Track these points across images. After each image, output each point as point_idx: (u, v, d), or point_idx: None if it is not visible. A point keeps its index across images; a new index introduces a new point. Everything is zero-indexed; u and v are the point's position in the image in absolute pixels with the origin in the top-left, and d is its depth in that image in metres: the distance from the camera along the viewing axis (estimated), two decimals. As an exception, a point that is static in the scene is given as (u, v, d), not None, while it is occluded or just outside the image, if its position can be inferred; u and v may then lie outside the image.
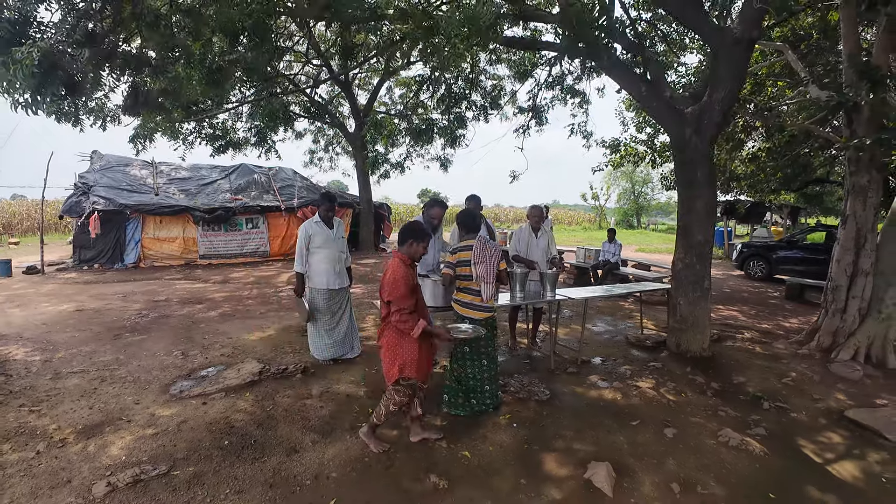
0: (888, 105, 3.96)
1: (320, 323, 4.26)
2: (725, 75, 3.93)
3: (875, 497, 2.64)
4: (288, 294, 7.67)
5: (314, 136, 14.83)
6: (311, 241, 4.09)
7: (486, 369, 3.48)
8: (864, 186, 4.56)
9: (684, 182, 4.51)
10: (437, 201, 4.32)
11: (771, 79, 8.09)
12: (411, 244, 2.86)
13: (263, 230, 11.49)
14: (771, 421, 3.53)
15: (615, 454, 3.00)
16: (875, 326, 4.54)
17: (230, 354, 4.62)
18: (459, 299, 3.44)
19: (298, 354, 4.63)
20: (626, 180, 41.49)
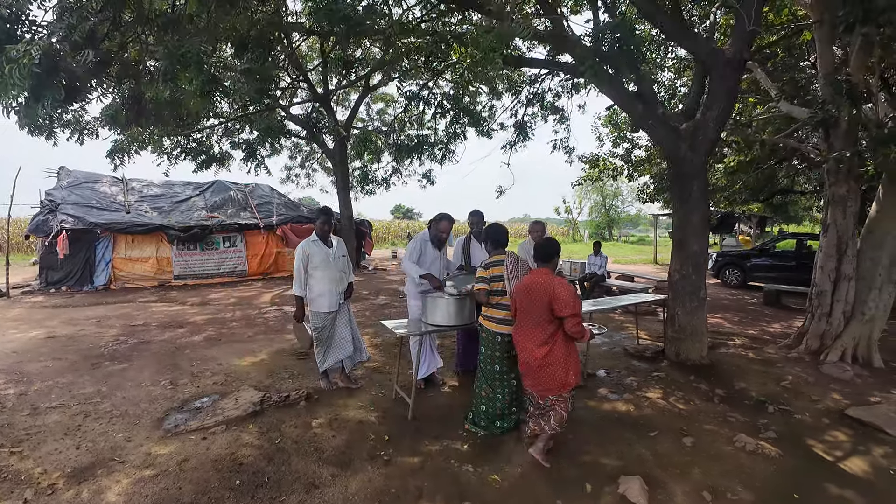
0: (864, 119, 4.33)
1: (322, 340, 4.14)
2: (719, 93, 4.22)
3: (886, 489, 2.86)
4: (274, 316, 7.46)
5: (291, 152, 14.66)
6: (310, 261, 3.96)
7: (516, 390, 3.51)
8: (843, 196, 4.94)
9: (680, 196, 4.75)
10: (446, 215, 4.37)
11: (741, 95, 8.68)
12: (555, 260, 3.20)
13: (241, 249, 11.19)
14: (778, 423, 3.71)
15: (642, 466, 3.08)
16: (859, 328, 4.88)
17: (223, 382, 4.44)
18: (492, 316, 3.44)
19: (298, 380, 4.51)
20: (598, 194, 42.99)
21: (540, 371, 3.03)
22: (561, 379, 3.00)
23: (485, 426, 3.48)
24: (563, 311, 2.92)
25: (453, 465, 3.05)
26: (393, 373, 4.71)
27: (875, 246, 4.84)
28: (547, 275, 3.08)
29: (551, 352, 3.00)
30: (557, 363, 3.00)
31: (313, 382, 4.41)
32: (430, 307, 3.93)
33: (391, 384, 4.36)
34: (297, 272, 3.93)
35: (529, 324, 3.06)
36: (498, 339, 3.44)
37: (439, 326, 3.89)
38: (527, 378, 3.15)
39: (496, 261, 3.45)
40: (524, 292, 3.07)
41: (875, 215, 4.86)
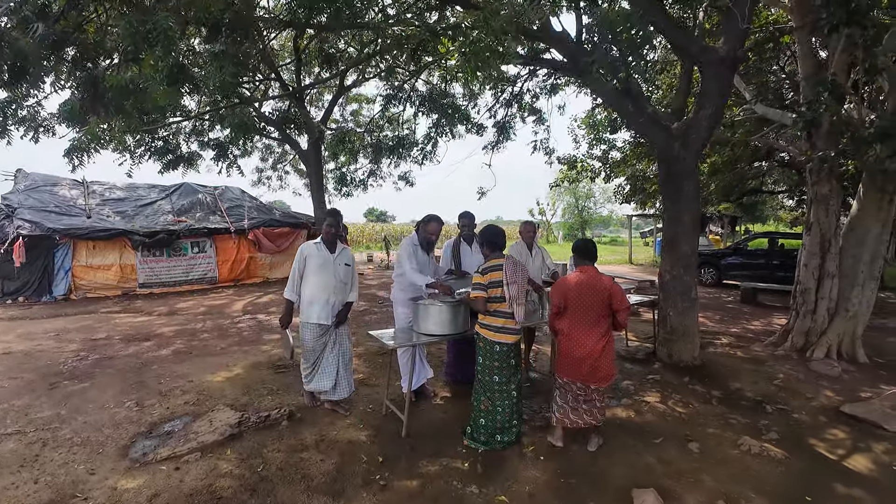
0: (846, 120, 4.43)
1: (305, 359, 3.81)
2: (712, 92, 4.24)
3: (892, 486, 2.88)
4: (248, 325, 7.08)
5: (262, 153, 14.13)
6: (307, 264, 3.66)
7: (516, 402, 3.36)
8: (825, 195, 5.07)
9: (671, 196, 4.75)
10: (435, 216, 4.18)
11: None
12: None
13: (211, 254, 10.65)
14: (778, 424, 3.73)
15: (652, 477, 3.01)
16: (843, 325, 5.01)
17: (195, 402, 4.09)
18: (489, 324, 3.29)
19: (277, 396, 4.21)
20: (571, 195, 43.75)
21: (598, 362, 3.20)
22: (612, 369, 3.30)
23: (485, 441, 3.32)
24: (621, 306, 3.19)
25: (456, 486, 2.87)
26: (380, 385, 4.51)
27: (857, 243, 4.98)
28: (598, 272, 3.31)
29: (608, 343, 3.24)
30: (610, 354, 3.26)
31: (294, 399, 4.13)
32: (421, 315, 3.73)
33: (379, 398, 4.14)
34: (292, 274, 3.67)
35: (588, 320, 3.22)
36: (496, 349, 3.29)
37: (432, 336, 3.68)
38: (579, 371, 3.23)
39: (494, 265, 3.29)
40: (581, 289, 3.22)
41: (856, 213, 5.01)
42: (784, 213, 23.06)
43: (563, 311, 3.28)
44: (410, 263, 4.00)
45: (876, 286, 5.03)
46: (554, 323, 3.38)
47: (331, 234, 3.71)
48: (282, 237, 11.44)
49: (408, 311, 4.16)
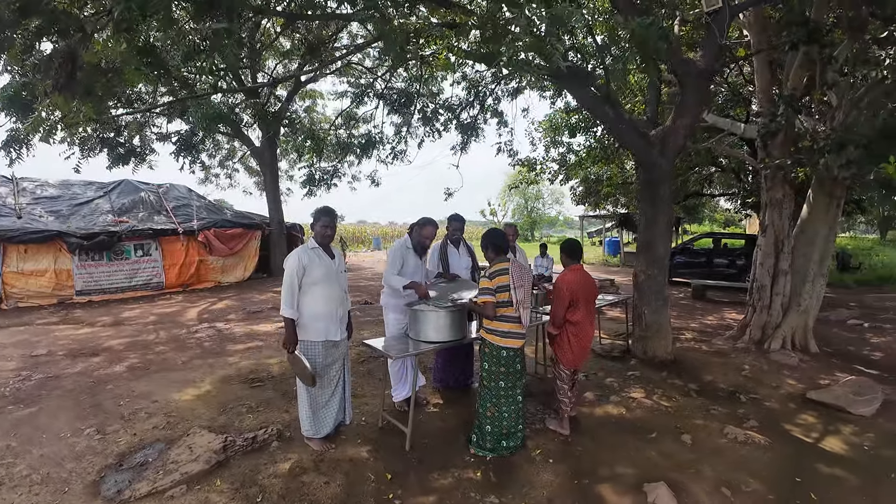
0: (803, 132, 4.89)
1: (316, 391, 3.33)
2: (691, 103, 4.51)
3: (869, 464, 3.22)
4: (208, 335, 6.59)
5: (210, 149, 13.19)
6: (307, 273, 3.19)
7: (521, 406, 3.38)
8: (779, 200, 5.56)
9: (649, 199, 4.99)
10: (431, 220, 4.11)
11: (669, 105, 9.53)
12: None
13: (157, 258, 9.80)
14: (754, 412, 4.04)
15: (657, 471, 3.14)
16: (796, 318, 5.52)
17: (166, 425, 3.71)
18: (496, 329, 3.27)
19: (259, 414, 3.93)
20: (521, 196, 44.96)
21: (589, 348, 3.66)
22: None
23: (491, 448, 3.31)
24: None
25: (474, 497, 2.83)
26: (367, 396, 4.38)
27: (807, 243, 5.52)
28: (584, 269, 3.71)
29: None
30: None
31: (279, 416, 3.87)
32: (420, 321, 3.64)
33: (370, 409, 4.01)
34: (290, 288, 3.15)
35: (590, 311, 3.64)
36: (503, 354, 3.29)
37: (432, 343, 3.61)
38: (584, 359, 3.70)
39: (500, 269, 3.27)
40: (585, 286, 3.58)
41: (806, 216, 5.55)
42: (718, 215, 25.10)
43: (575, 305, 3.51)
44: (393, 268, 3.91)
45: (824, 282, 5.61)
46: (567, 316, 3.54)
47: (328, 236, 3.35)
48: (235, 239, 10.79)
49: (401, 317, 4.06)
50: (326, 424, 3.38)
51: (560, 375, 3.64)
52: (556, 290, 3.54)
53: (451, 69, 8.10)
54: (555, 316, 3.57)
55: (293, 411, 3.95)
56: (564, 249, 3.76)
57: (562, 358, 3.61)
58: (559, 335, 3.61)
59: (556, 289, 3.56)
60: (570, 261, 3.70)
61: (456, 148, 9.41)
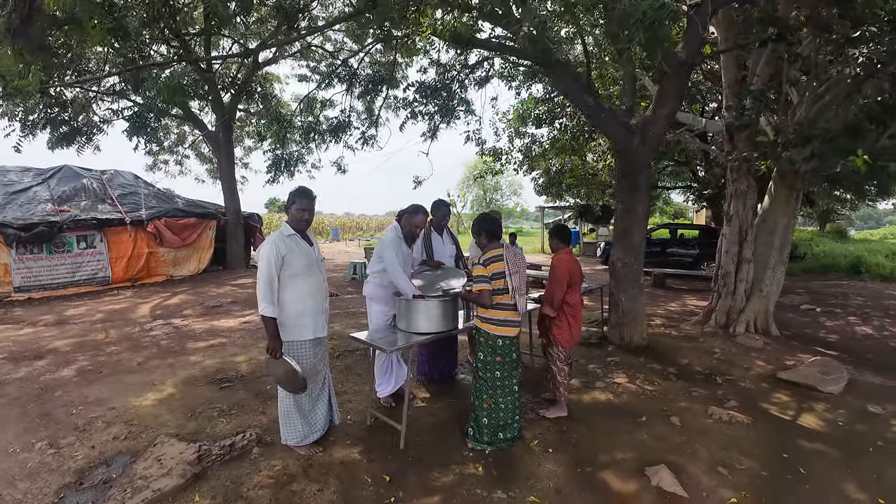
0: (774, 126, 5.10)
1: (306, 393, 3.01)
2: (671, 93, 4.57)
3: (845, 439, 3.39)
4: (164, 332, 6.06)
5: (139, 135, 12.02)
6: (286, 264, 2.82)
7: (517, 396, 3.28)
8: (743, 191, 5.80)
9: (628, 188, 5.04)
10: (422, 207, 3.91)
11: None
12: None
13: (102, 250, 8.89)
14: (732, 392, 4.19)
15: (654, 454, 3.17)
16: (758, 303, 5.81)
17: (127, 435, 3.29)
18: (491, 317, 3.15)
19: (233, 417, 3.58)
20: (479, 188, 45.29)
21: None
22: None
23: (489, 441, 3.20)
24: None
25: (481, 494, 2.71)
26: (349, 392, 4.14)
27: (768, 232, 5.81)
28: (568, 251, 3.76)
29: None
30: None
31: (256, 419, 3.55)
32: (411, 312, 3.47)
33: (352, 407, 3.79)
34: (268, 282, 2.75)
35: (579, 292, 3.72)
36: (499, 343, 3.18)
37: (424, 334, 3.43)
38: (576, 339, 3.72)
39: (495, 256, 3.15)
40: (576, 267, 3.66)
41: (768, 206, 5.84)
42: (668, 207, 26.39)
43: (572, 287, 3.59)
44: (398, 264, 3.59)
45: (784, 269, 5.94)
46: (564, 297, 3.59)
47: (306, 220, 2.97)
48: (187, 229, 10.00)
49: (386, 308, 3.85)
50: (316, 429, 3.11)
51: (560, 356, 3.66)
52: (554, 271, 3.57)
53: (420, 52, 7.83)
54: (553, 297, 3.57)
55: (271, 412, 3.66)
56: (557, 233, 3.80)
57: (561, 339, 3.63)
58: (558, 317, 3.63)
59: (554, 270, 3.59)
60: (562, 244, 3.76)
61: (426, 135, 9.18)
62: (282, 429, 3.07)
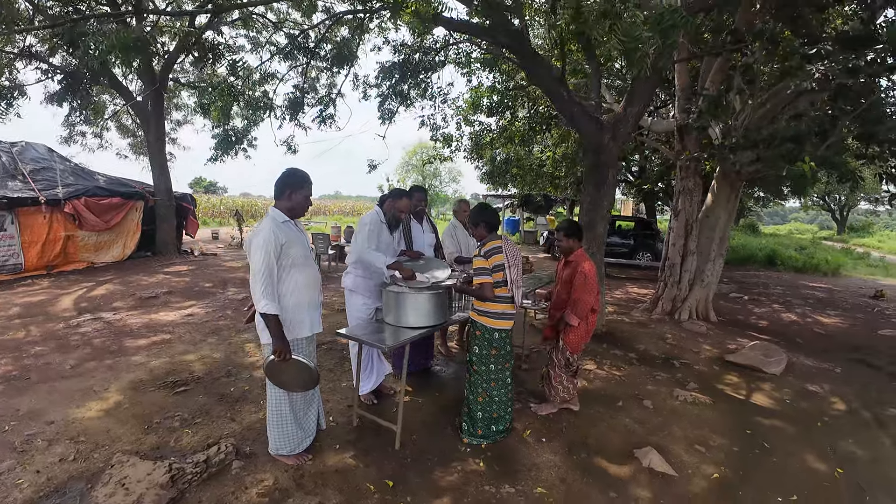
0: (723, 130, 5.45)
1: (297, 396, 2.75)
2: (642, 92, 4.69)
3: (794, 415, 3.75)
4: (95, 329, 5.27)
5: (76, 101, 10.33)
6: (284, 254, 2.51)
7: (510, 388, 3.22)
8: (690, 188, 6.19)
9: (596, 182, 5.16)
10: (405, 191, 3.67)
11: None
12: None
13: (13, 233, 7.45)
14: (689, 375, 4.49)
15: (636, 436, 3.31)
16: (700, 292, 6.28)
17: (77, 456, 2.75)
18: (489, 310, 3.03)
19: (199, 427, 3.16)
20: (419, 173, 44.87)
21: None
22: None
23: (483, 434, 3.13)
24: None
25: (490, 490, 2.62)
26: (326, 391, 3.83)
27: (710, 227, 6.27)
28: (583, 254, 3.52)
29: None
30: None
31: (226, 426, 3.17)
32: (400, 306, 3.25)
33: (336, 407, 3.54)
34: (268, 274, 2.41)
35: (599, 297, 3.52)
36: (496, 336, 3.09)
37: (415, 329, 3.25)
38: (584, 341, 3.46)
39: (494, 247, 3.03)
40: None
41: (710, 203, 6.29)
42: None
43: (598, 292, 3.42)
44: (370, 242, 3.41)
45: (722, 261, 6.46)
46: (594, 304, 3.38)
47: (306, 208, 2.67)
48: (111, 210, 8.75)
49: (369, 301, 3.60)
50: (310, 433, 2.83)
51: (561, 363, 3.45)
52: (587, 279, 3.28)
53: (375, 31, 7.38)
54: (584, 306, 3.30)
55: (241, 417, 3.30)
56: (574, 233, 3.48)
57: (572, 343, 3.40)
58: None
59: (586, 278, 3.28)
60: (579, 244, 3.50)
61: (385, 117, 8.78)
62: (273, 438, 2.74)
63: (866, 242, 26.76)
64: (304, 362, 2.49)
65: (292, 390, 2.62)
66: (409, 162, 45.45)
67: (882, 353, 5.34)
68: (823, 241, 23.65)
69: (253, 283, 2.41)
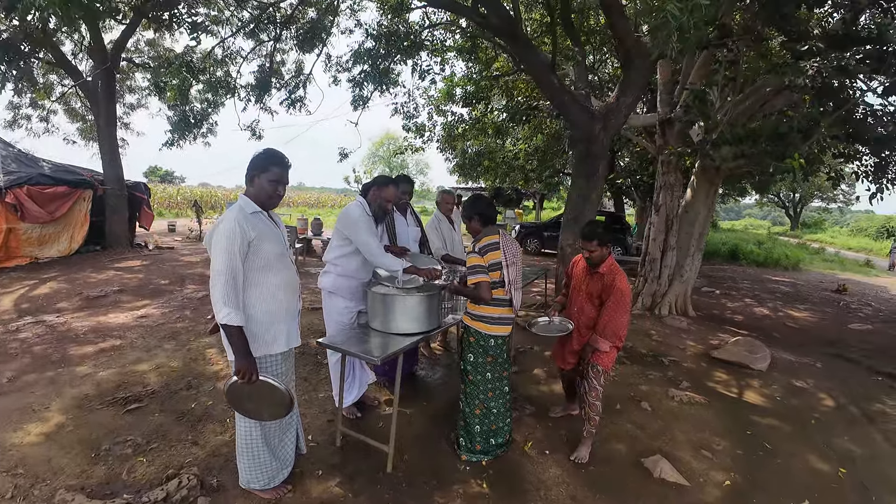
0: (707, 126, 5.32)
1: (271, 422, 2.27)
2: (635, 83, 4.46)
3: (787, 412, 3.67)
4: (36, 333, 4.57)
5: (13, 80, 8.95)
6: (254, 251, 2.03)
7: (509, 398, 2.92)
8: (672, 183, 6.08)
9: (585, 174, 4.93)
10: (391, 179, 3.25)
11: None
12: None
13: None
14: (680, 373, 4.37)
15: (641, 443, 3.10)
16: (679, 287, 6.22)
17: (14, 493, 2.23)
18: (484, 314, 2.71)
19: (156, 454, 2.67)
20: (385, 164, 43.88)
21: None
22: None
23: (483, 450, 2.82)
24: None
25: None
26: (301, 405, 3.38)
27: (690, 222, 6.20)
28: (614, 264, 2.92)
29: None
30: None
31: (185, 451, 2.69)
32: (390, 310, 2.87)
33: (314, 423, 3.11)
34: (231, 278, 1.94)
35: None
36: (491, 343, 2.77)
37: (408, 335, 2.86)
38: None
39: (490, 244, 2.69)
40: None
41: (690, 199, 6.22)
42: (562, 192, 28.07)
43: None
44: (376, 240, 2.93)
45: (701, 256, 6.42)
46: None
47: (279, 196, 2.13)
48: (56, 200, 7.76)
49: (351, 304, 3.17)
50: (287, 463, 2.40)
51: (601, 381, 2.84)
52: (624, 297, 2.76)
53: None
54: (623, 327, 2.78)
55: (205, 440, 2.83)
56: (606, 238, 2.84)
57: (608, 363, 2.85)
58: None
59: (623, 296, 2.75)
60: (610, 251, 2.90)
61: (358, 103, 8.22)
62: (242, 470, 2.29)
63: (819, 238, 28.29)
64: (273, 384, 2.02)
65: (260, 419, 2.16)
66: (375, 153, 44.34)
67: (855, 348, 5.45)
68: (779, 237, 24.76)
69: (213, 287, 1.93)
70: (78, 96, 10.99)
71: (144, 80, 11.34)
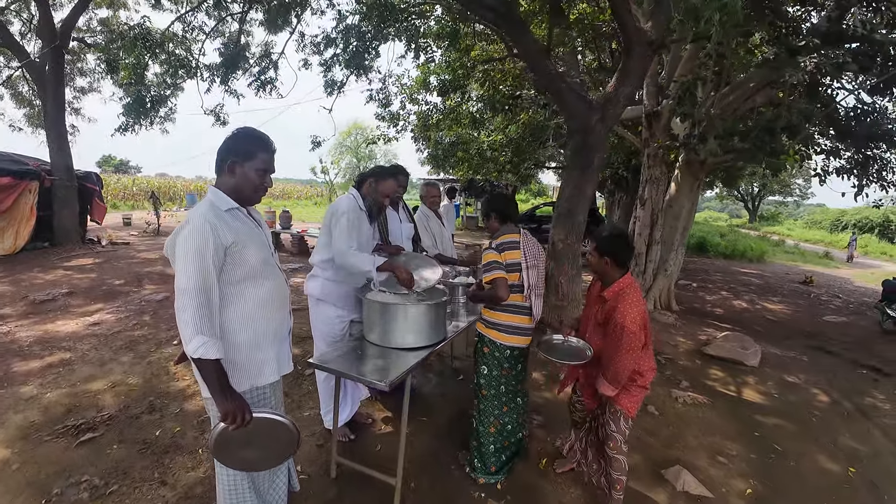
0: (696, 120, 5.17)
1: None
2: (635, 72, 4.22)
3: (787, 410, 3.60)
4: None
5: None
6: (231, 260, 1.58)
7: (523, 412, 2.63)
8: (657, 177, 5.95)
9: (580, 166, 4.68)
10: (390, 170, 2.85)
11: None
12: None
13: None
14: (677, 372, 4.27)
15: (656, 451, 2.93)
16: (663, 281, 6.15)
17: None
18: (499, 322, 2.41)
19: (115, 497, 2.21)
20: (353, 155, 42.62)
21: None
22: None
23: (498, 469, 2.54)
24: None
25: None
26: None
27: (674, 217, 6.11)
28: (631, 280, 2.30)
29: None
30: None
31: (151, 493, 2.26)
32: (390, 319, 2.46)
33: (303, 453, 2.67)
34: (204, 298, 1.48)
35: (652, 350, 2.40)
36: (507, 354, 2.48)
37: (411, 350, 2.47)
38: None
39: (510, 242, 2.38)
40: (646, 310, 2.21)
41: (674, 193, 6.12)
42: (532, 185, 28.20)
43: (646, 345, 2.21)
44: (350, 240, 2.50)
45: (684, 250, 6.36)
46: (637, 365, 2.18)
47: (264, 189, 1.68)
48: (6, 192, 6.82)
49: (343, 312, 2.76)
50: None
51: (623, 432, 2.24)
52: (627, 332, 2.03)
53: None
54: (623, 371, 2.09)
55: (175, 478, 2.39)
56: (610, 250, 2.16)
57: (630, 407, 2.20)
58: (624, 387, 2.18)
59: (625, 331, 2.03)
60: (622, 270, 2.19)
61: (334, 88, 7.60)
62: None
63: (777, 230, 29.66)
64: (274, 419, 1.57)
65: (264, 468, 1.75)
66: (342, 143, 42.90)
67: (834, 340, 5.55)
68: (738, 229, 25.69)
69: (180, 311, 1.46)
70: (25, 80, 9.78)
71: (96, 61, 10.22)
